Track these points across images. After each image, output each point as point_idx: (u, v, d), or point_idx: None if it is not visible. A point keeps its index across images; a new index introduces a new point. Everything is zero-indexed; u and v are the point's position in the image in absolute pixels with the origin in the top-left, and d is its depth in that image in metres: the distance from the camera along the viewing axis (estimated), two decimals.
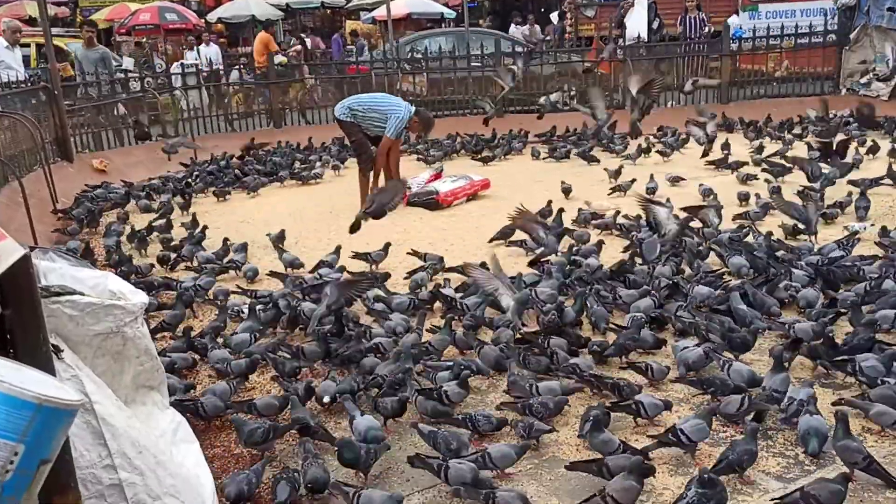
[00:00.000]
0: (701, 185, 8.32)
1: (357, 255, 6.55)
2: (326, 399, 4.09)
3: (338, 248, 6.59)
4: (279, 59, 15.95)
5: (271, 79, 14.44)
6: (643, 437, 3.80)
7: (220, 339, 5.10)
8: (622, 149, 10.90)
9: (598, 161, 10.35)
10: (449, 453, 3.51)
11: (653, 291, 5.34)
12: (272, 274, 6.40)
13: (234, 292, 6.01)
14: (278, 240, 7.13)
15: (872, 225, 6.84)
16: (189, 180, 10.27)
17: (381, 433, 3.76)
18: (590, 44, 18.02)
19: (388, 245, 6.59)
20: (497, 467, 3.49)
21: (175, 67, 15.28)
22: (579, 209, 7.69)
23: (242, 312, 5.48)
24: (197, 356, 4.93)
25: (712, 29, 16.15)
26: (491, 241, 7.04)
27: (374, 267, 6.50)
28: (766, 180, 8.51)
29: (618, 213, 7.47)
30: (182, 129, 13.76)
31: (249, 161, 11.40)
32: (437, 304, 5.60)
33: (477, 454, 3.50)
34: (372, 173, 8.70)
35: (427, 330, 5.09)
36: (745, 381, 4.09)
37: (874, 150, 9.87)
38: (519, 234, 6.78)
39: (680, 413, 4.02)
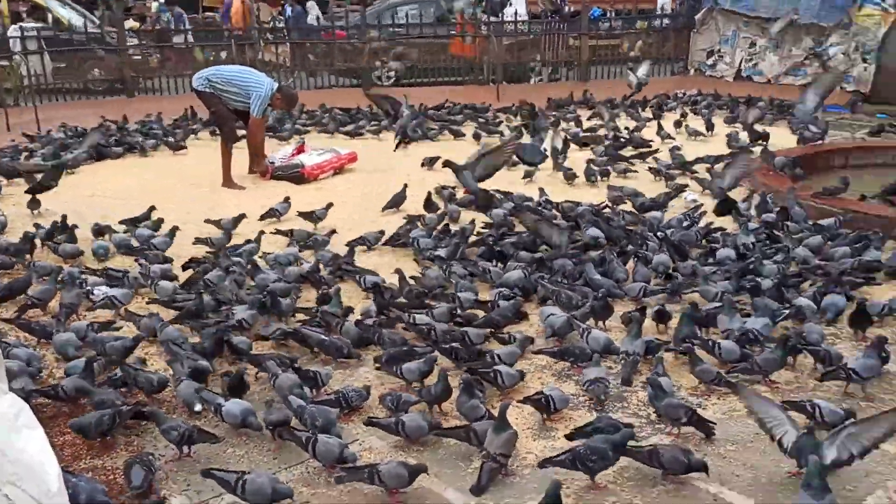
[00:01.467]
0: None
1: (302, 214, 6.83)
2: (198, 408, 3.80)
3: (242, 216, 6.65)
4: (130, 24, 15.09)
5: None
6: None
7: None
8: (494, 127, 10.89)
9: (463, 135, 10.42)
10: (315, 429, 3.47)
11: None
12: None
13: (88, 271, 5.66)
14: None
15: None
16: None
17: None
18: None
19: (330, 204, 6.86)
20: (409, 437, 3.55)
21: (13, 31, 14.13)
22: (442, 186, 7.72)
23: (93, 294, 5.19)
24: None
25: (572, 9, 16.66)
26: (384, 209, 7.20)
27: (317, 225, 6.72)
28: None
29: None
30: (24, 97, 12.79)
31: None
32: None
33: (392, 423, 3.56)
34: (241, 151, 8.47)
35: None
36: (602, 348, 4.29)
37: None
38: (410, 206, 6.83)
39: (543, 380, 4.17)
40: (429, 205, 6.96)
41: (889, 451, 3.43)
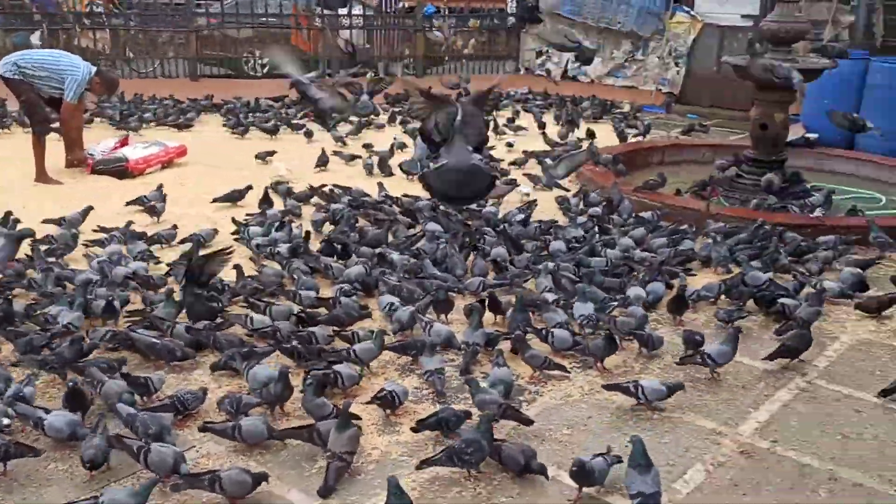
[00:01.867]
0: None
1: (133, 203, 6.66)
2: (6, 422, 3.44)
3: None
4: None
5: None
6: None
7: None
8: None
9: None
10: (147, 437, 3.28)
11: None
12: None
13: None
14: None
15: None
16: None
17: None
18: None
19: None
20: (247, 442, 3.45)
21: None
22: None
23: None
24: None
25: (405, 5, 16.78)
26: (214, 201, 6.97)
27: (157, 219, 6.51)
28: None
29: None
30: None
31: None
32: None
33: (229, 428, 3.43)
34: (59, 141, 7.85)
35: None
36: (444, 341, 4.36)
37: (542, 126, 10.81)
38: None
39: (387, 374, 4.18)
40: (265, 200, 6.77)
41: (705, 427, 3.72)
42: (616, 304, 4.87)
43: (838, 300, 5.20)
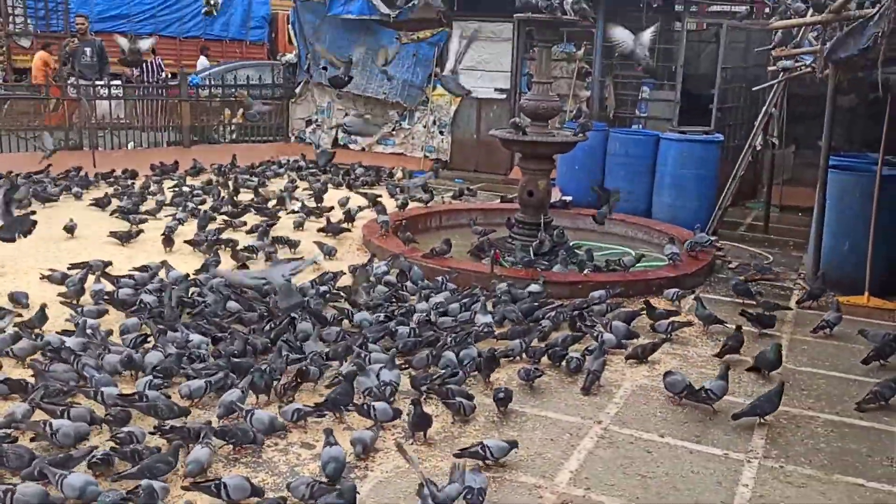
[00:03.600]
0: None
1: None
2: None
3: None
4: None
5: None
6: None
7: None
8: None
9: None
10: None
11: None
12: None
13: None
14: None
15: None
16: None
17: None
18: (26, 76, 16.63)
19: None
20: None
21: None
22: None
23: None
24: None
25: (169, 74, 16.32)
26: None
27: None
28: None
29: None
30: None
31: None
32: None
33: None
34: None
35: None
36: (266, 429, 4.34)
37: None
38: None
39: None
40: None
41: (527, 482, 4.04)
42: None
43: (615, 350, 5.86)
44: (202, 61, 18.34)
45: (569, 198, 10.81)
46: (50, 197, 9.99)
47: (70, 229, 8.45)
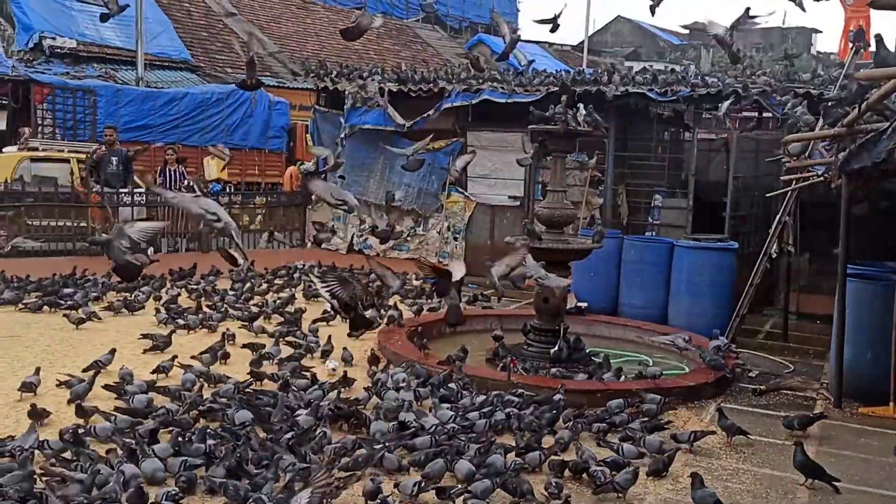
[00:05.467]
0: None
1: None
2: None
3: None
4: None
5: None
6: None
7: None
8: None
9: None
10: None
11: None
12: None
13: None
14: None
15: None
16: None
17: None
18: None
19: None
20: None
21: None
22: None
23: None
24: None
25: (191, 182, 16.74)
26: None
27: None
28: None
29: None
30: None
31: None
32: None
33: None
34: None
35: None
36: None
37: None
38: None
39: None
40: None
41: None
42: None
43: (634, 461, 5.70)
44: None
45: (584, 304, 10.79)
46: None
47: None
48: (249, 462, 5.15)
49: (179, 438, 5.40)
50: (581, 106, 8.67)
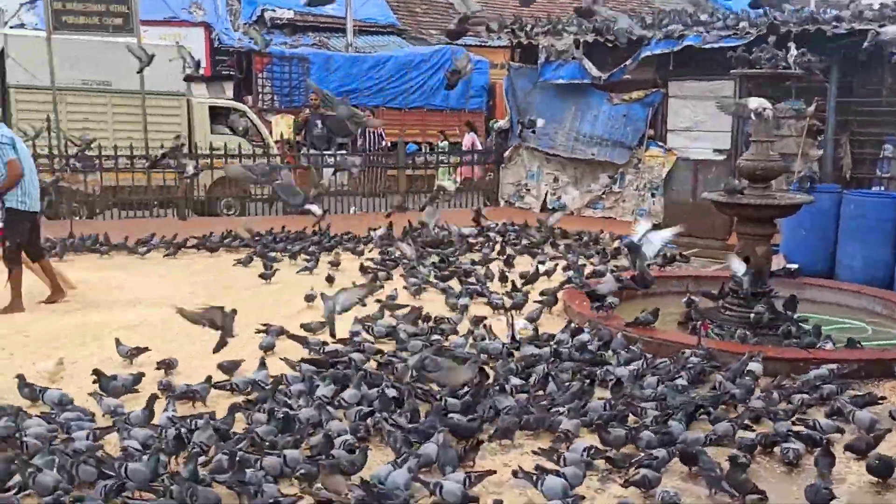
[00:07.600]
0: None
1: None
2: None
3: None
4: None
5: None
6: None
7: None
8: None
9: None
10: None
11: None
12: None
13: None
14: None
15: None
16: None
17: None
18: None
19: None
20: None
21: None
22: None
23: None
24: None
25: (388, 143, 17.32)
26: None
27: None
28: None
29: None
30: None
31: None
32: None
33: None
34: None
35: None
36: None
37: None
38: None
39: None
40: None
41: None
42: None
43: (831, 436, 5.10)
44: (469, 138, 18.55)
45: (794, 266, 9.85)
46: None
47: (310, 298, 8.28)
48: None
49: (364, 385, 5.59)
50: (792, 46, 7.81)
